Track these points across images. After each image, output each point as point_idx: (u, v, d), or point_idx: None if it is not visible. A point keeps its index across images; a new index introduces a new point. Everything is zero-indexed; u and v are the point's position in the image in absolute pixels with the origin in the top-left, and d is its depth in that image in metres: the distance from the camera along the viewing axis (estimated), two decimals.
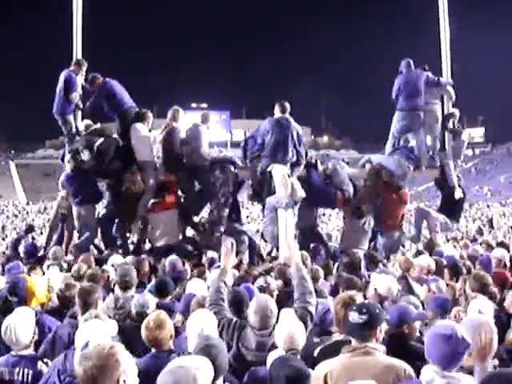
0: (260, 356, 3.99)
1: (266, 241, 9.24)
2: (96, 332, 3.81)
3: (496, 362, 3.56)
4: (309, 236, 10.09)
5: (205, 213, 10.52)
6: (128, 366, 2.62)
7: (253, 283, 6.14)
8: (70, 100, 9.60)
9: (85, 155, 9.40)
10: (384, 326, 3.75)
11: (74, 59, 9.87)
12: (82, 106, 9.93)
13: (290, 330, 3.80)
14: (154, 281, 6.53)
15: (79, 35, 10.18)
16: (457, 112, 11.01)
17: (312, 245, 10.02)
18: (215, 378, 3.17)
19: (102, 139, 9.54)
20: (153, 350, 4.05)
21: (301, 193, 8.61)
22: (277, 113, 9.47)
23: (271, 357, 3.71)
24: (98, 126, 9.95)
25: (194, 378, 2.65)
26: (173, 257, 7.80)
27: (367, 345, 3.49)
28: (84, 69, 9.83)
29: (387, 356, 3.54)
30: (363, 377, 3.18)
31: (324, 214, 31.12)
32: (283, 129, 9.27)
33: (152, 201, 9.52)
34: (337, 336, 4.26)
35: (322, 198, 9.88)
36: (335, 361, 3.54)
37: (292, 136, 9.28)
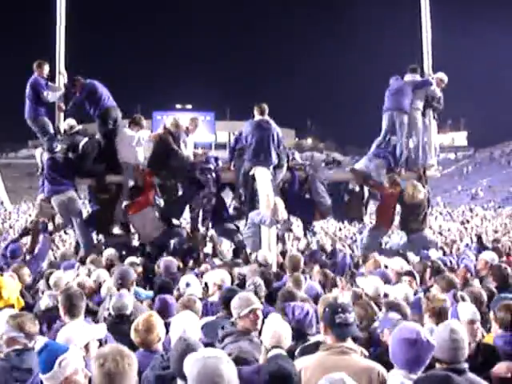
0: None
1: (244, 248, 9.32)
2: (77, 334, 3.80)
3: None
4: None
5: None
6: None
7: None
8: (42, 99, 9.48)
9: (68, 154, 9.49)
10: None
11: (35, 63, 9.72)
12: (64, 108, 9.92)
13: (276, 328, 3.85)
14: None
15: (63, 36, 10.11)
16: (444, 77, 10.93)
17: None
18: None
19: (86, 139, 9.54)
20: (140, 350, 4.09)
21: (283, 214, 8.66)
22: (256, 115, 9.50)
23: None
24: (81, 126, 9.95)
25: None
26: (167, 258, 7.82)
27: (343, 344, 3.52)
28: (46, 67, 9.64)
29: (362, 358, 3.57)
30: None
31: None
32: (264, 131, 9.28)
33: (124, 204, 9.57)
34: (315, 338, 4.26)
35: (300, 210, 9.99)
36: (312, 358, 3.60)
37: (273, 138, 9.30)
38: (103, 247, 9.23)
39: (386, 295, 5.71)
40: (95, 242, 10.05)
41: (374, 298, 5.35)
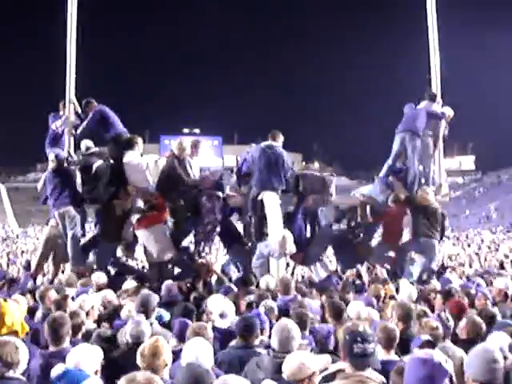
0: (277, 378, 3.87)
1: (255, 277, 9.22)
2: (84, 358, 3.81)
3: None
4: None
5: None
6: None
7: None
8: (55, 132, 9.95)
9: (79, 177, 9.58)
10: None
11: (61, 103, 10.14)
12: (73, 132, 9.98)
13: (300, 360, 3.69)
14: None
15: (73, 66, 10.19)
16: (451, 112, 10.92)
17: None
18: None
19: (100, 161, 9.52)
20: None
21: (291, 248, 8.65)
22: (269, 141, 9.58)
23: None
24: (97, 149, 9.95)
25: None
26: (169, 281, 7.73)
27: (362, 374, 3.45)
28: (70, 106, 10.05)
29: None
30: None
31: None
32: (268, 157, 9.32)
33: (136, 217, 9.48)
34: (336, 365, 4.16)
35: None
36: None
37: (277, 163, 9.33)
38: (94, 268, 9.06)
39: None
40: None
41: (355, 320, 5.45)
